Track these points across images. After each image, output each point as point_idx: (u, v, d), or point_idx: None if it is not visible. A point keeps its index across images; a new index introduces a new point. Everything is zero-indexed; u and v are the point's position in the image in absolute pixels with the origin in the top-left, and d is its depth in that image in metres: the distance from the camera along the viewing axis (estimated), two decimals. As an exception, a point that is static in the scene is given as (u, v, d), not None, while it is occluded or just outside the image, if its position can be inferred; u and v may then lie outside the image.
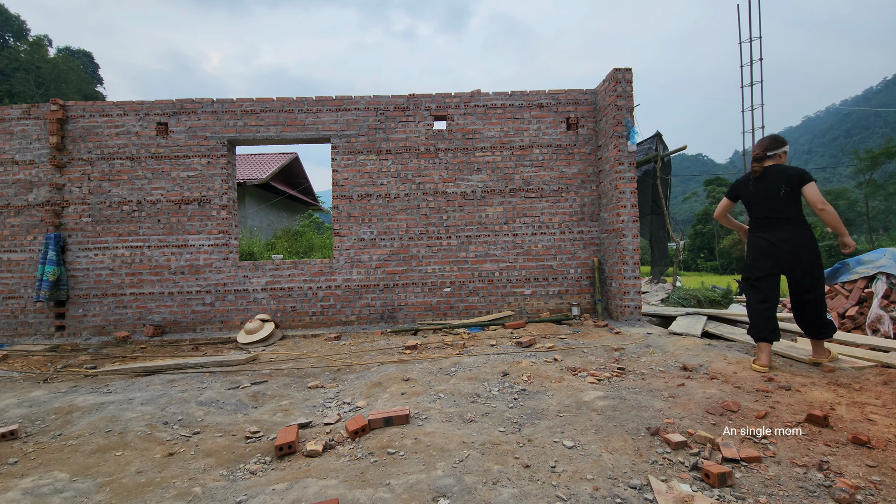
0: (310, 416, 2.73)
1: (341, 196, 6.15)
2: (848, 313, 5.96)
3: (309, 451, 2.15)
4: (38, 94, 29.59)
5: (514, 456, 2.00)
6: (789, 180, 3.25)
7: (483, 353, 4.06)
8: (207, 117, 6.08)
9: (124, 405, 2.99)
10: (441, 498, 1.67)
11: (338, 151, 6.15)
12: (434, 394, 2.93)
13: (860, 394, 2.68)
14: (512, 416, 2.51)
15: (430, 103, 6.23)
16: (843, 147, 77.43)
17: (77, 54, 40.21)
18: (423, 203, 6.17)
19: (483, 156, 6.22)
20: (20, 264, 5.99)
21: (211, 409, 2.94)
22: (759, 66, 8.83)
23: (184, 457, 2.25)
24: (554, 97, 6.26)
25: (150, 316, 5.99)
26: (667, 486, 1.73)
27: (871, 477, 1.77)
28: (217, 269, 6.03)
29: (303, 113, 6.14)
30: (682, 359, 3.57)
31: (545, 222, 6.21)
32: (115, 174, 6.04)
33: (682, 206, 54.38)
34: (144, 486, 1.95)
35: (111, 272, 6.00)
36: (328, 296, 6.09)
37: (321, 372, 3.81)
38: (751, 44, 8.84)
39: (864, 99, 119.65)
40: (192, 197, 6.04)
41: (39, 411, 2.96)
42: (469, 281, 6.15)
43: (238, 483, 1.95)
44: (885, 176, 34.28)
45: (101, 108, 6.11)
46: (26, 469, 2.16)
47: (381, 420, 2.39)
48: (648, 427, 2.20)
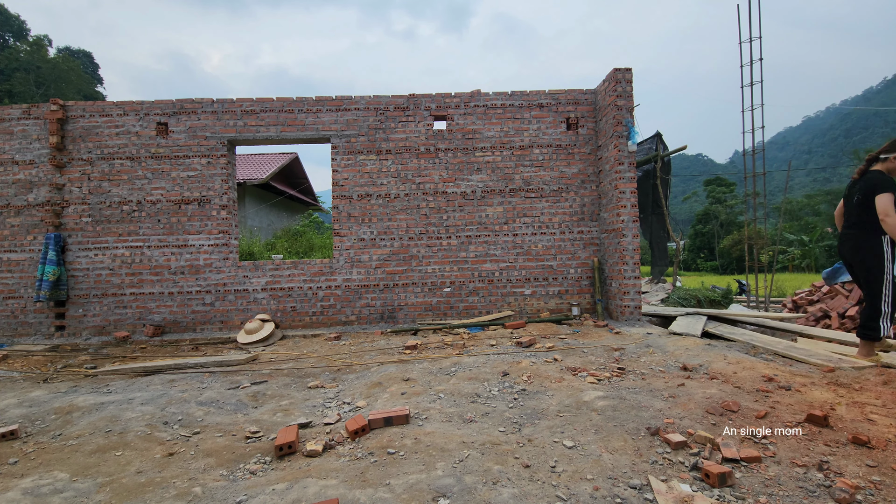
0: (310, 416, 2.72)
1: (341, 196, 6.15)
2: (848, 313, 5.96)
3: (309, 451, 2.15)
4: (38, 94, 29.59)
5: (514, 456, 2.00)
6: (864, 188, 3.33)
7: (483, 353, 4.06)
8: (207, 117, 6.08)
9: (124, 405, 2.99)
10: (441, 498, 1.67)
11: (338, 151, 6.15)
12: (434, 394, 2.93)
13: (860, 394, 2.68)
14: (512, 416, 2.51)
15: (430, 103, 6.23)
16: (844, 147, 77.47)
17: (77, 54, 40.21)
18: (423, 203, 6.17)
19: (483, 156, 6.22)
20: (20, 264, 5.99)
21: (211, 409, 2.94)
22: (759, 66, 8.83)
23: (184, 457, 2.25)
24: (554, 97, 6.26)
25: (150, 316, 5.99)
26: (667, 486, 1.73)
27: (871, 477, 1.77)
28: (217, 269, 6.03)
29: (303, 113, 6.14)
30: (682, 359, 3.57)
31: (545, 222, 6.21)
32: (115, 174, 6.04)
33: (682, 206, 54.40)
34: (144, 486, 1.95)
35: (111, 272, 6.00)
36: (328, 296, 6.09)
37: (321, 372, 3.81)
38: (751, 44, 8.84)
39: (865, 99, 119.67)
40: (192, 197, 6.04)
41: (39, 411, 2.95)
42: (469, 281, 6.15)
43: (238, 483, 1.95)
44: (884, 176, 34.21)
45: (101, 108, 6.11)
46: (26, 469, 2.16)
47: (381, 420, 2.39)
48: (648, 427, 2.20)
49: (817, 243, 27.20)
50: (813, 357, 3.58)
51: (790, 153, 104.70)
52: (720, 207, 37.92)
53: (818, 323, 6.25)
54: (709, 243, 37.30)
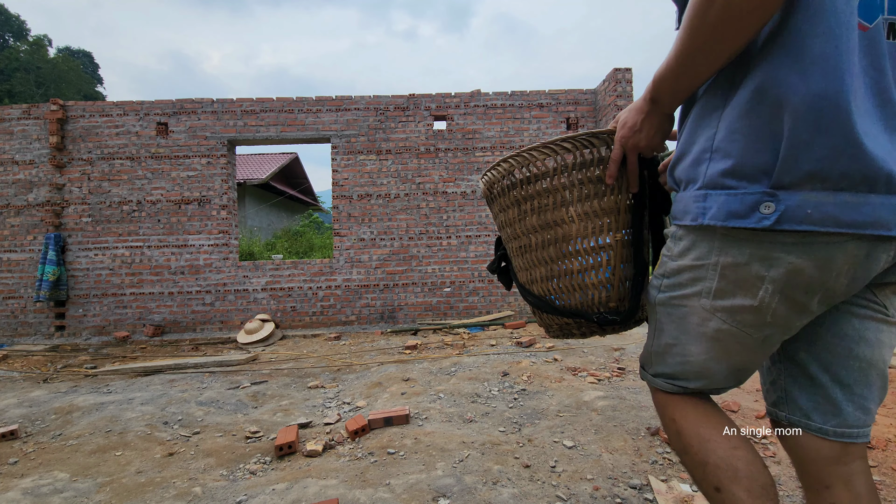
0: (310, 416, 2.72)
1: (341, 196, 6.15)
2: (848, 313, 5.95)
3: (309, 451, 2.15)
4: (38, 94, 29.59)
5: (514, 456, 2.00)
6: None
7: (483, 353, 4.06)
8: (207, 117, 6.08)
9: (124, 405, 2.99)
10: (441, 498, 1.67)
11: (338, 151, 6.15)
12: (434, 394, 2.94)
13: (860, 394, 2.68)
14: (512, 415, 2.51)
15: (430, 103, 6.23)
16: (843, 147, 77.42)
17: (77, 54, 40.22)
18: (423, 203, 6.17)
19: (483, 156, 6.22)
20: (20, 264, 5.99)
21: (211, 409, 2.94)
22: (759, 66, 8.83)
23: (184, 457, 2.25)
24: (554, 97, 6.26)
25: (150, 316, 5.99)
26: (667, 486, 1.73)
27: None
28: (217, 269, 6.03)
29: (303, 113, 6.14)
30: (682, 359, 3.56)
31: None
32: (115, 174, 6.04)
33: (682, 206, 54.47)
34: (144, 486, 1.95)
35: (111, 272, 6.00)
36: (328, 296, 6.09)
37: (321, 372, 3.81)
38: (751, 44, 8.84)
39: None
40: (192, 197, 6.04)
41: (39, 411, 2.96)
42: (469, 281, 6.15)
43: (238, 483, 1.95)
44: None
45: (101, 108, 6.11)
46: (26, 469, 2.16)
47: (381, 420, 2.39)
48: (648, 427, 2.20)
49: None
50: (813, 357, 3.58)
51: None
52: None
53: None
54: (709, 243, 37.29)
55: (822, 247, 0.61)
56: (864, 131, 0.57)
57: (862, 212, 0.58)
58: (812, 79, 0.57)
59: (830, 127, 0.57)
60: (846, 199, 0.58)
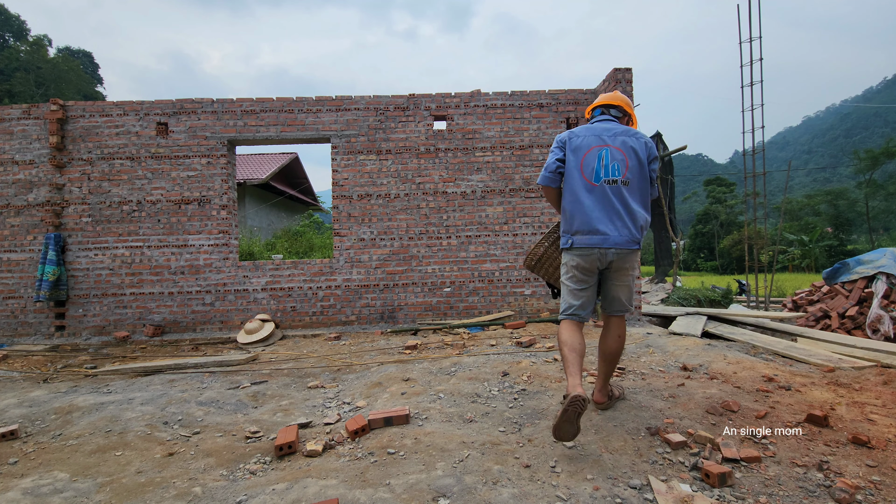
0: (310, 416, 2.73)
1: (341, 196, 6.15)
2: (848, 313, 5.96)
3: (309, 451, 2.15)
4: (38, 94, 29.59)
5: (514, 456, 2.00)
6: None
7: (483, 353, 4.06)
8: (207, 117, 6.08)
9: (124, 405, 2.99)
10: (441, 498, 1.67)
11: (338, 151, 6.15)
12: (434, 394, 2.93)
13: (860, 394, 2.68)
14: (512, 415, 2.51)
15: (430, 103, 6.23)
16: (843, 147, 77.46)
17: (77, 54, 40.22)
18: (423, 203, 6.17)
19: (483, 156, 6.22)
20: (20, 264, 5.99)
21: (211, 409, 2.94)
22: (759, 66, 8.82)
23: (184, 457, 2.25)
24: (554, 97, 6.26)
25: (150, 316, 5.99)
26: (667, 486, 1.73)
27: (871, 477, 1.77)
28: (217, 269, 6.03)
29: (303, 113, 6.14)
30: (682, 359, 3.57)
31: (545, 222, 6.21)
32: (115, 174, 6.04)
33: (682, 206, 54.43)
34: (144, 486, 1.95)
35: (111, 272, 6.00)
36: (328, 296, 6.09)
37: (321, 372, 3.81)
38: (751, 44, 8.83)
39: (865, 99, 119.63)
40: (192, 197, 6.04)
41: (39, 411, 2.96)
42: (469, 281, 6.15)
43: (238, 483, 1.95)
44: (885, 176, 34.26)
45: (101, 108, 6.11)
46: (26, 469, 2.16)
47: (381, 420, 2.39)
48: (648, 427, 2.20)
49: (817, 243, 27.18)
50: (813, 357, 3.58)
51: (790, 153, 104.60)
52: (720, 207, 37.92)
53: (818, 323, 6.25)
54: (709, 243, 37.29)
55: (585, 253, 2.31)
56: (594, 216, 2.28)
57: (592, 241, 2.27)
58: (571, 201, 2.36)
59: (577, 214, 2.32)
60: (588, 237, 2.28)
